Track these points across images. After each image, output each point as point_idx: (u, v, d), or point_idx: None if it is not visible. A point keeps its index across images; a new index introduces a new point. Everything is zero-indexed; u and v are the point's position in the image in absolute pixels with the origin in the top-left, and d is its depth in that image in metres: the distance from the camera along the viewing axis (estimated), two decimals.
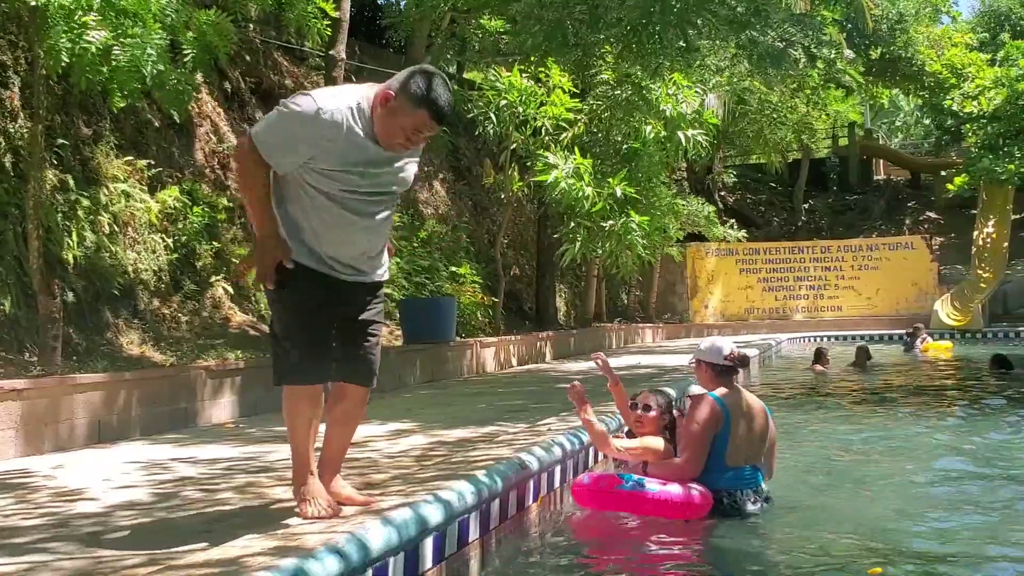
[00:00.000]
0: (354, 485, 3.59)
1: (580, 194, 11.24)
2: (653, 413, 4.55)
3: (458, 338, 11.20)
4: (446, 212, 15.65)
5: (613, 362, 5.07)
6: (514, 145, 12.47)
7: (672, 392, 4.87)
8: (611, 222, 12.09)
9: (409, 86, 3.02)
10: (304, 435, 3.14)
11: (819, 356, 13.61)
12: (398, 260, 12.41)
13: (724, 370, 4.46)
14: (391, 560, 2.77)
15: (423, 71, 3.08)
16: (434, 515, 3.06)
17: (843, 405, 9.13)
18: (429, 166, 15.90)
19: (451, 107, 3.12)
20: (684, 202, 19.48)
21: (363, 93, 3.11)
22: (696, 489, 4.18)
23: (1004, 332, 20.18)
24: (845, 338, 18.37)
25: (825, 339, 17.50)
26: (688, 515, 4.12)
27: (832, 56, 22.55)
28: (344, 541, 2.55)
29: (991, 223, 22.70)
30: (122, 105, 6.45)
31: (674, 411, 4.62)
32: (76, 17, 5.35)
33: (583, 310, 18.63)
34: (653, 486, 4.18)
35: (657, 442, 4.42)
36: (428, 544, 3.06)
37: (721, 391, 4.39)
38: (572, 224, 12.75)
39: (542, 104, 11.97)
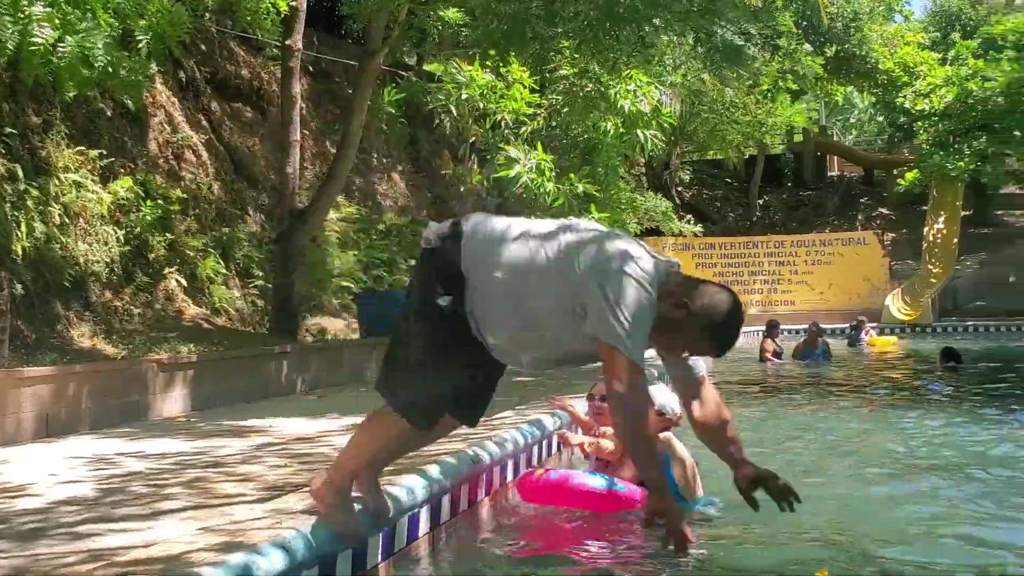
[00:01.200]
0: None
1: (542, 189, 11.27)
2: None
3: None
4: (405, 204, 15.59)
5: None
6: (473, 138, 12.46)
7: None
8: (572, 218, 12.12)
9: (707, 312, 2.68)
10: (367, 458, 2.90)
11: (771, 329, 13.91)
12: (355, 252, 12.37)
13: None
14: (339, 555, 2.78)
15: (729, 300, 2.75)
16: None
17: (795, 398, 9.28)
18: (387, 157, 15.83)
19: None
20: (642, 197, 19.61)
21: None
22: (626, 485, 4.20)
23: (953, 326, 20.61)
24: (797, 331, 18.61)
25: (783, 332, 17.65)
26: (619, 508, 4.14)
27: (792, 47, 22.82)
28: (291, 536, 2.55)
29: (941, 219, 23.15)
30: (72, 95, 6.35)
31: None
32: (21, 7, 5.24)
33: None
34: (584, 479, 4.21)
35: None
36: (377, 539, 3.07)
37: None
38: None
39: (502, 98, 11.97)
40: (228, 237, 10.52)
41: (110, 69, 5.80)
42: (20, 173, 7.53)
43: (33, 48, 5.32)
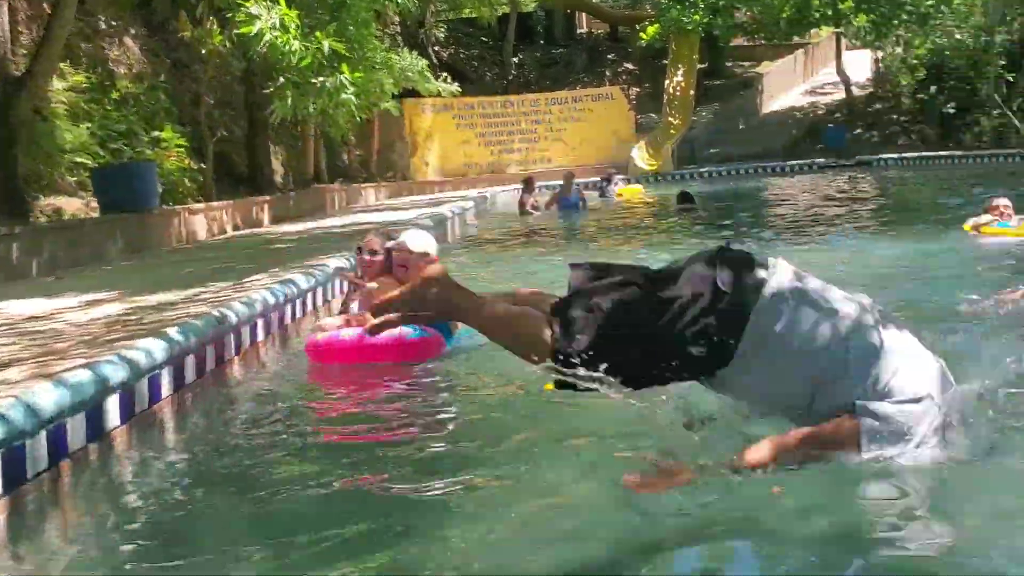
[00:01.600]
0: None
1: (287, 48, 10.79)
2: (380, 258, 4.67)
3: (163, 206, 10.63)
4: (141, 71, 14.45)
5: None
6: None
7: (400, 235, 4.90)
8: (322, 79, 11.77)
9: None
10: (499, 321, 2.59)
11: (527, 184, 14.79)
12: (89, 125, 11.43)
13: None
14: (68, 421, 2.72)
15: None
16: (116, 374, 3.02)
17: (553, 245, 9.83)
18: (117, 20, 14.51)
19: None
20: (398, 56, 19.27)
21: None
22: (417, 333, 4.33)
23: (691, 174, 22.17)
24: (556, 188, 19.37)
25: (540, 188, 18.15)
26: (419, 356, 4.29)
27: None
28: (8, 405, 2.46)
29: (680, 72, 24.38)
30: None
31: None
32: None
33: (301, 171, 18.20)
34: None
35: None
36: (113, 402, 3.02)
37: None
38: (280, 80, 12.28)
39: None
40: None
41: None
42: None
43: None
